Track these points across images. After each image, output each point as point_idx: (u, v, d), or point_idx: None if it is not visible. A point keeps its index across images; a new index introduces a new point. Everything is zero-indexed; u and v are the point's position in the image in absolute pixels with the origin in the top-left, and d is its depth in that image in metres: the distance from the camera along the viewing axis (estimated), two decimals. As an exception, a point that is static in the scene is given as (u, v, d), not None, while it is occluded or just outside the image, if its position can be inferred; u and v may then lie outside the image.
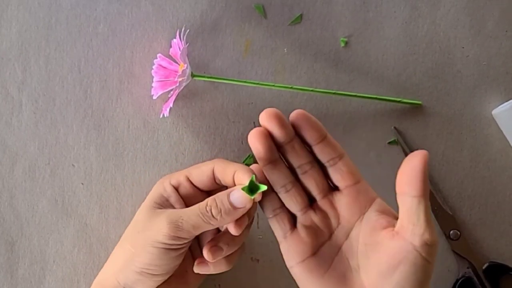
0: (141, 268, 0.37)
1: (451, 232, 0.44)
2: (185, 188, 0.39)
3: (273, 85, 0.43)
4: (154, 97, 0.42)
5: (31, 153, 0.44)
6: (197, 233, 0.37)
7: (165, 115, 0.42)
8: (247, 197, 0.35)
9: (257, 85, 0.43)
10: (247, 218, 0.37)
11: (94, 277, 0.40)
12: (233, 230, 0.36)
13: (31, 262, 0.44)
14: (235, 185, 0.37)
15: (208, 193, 0.40)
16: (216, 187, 0.40)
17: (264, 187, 0.35)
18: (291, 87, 0.43)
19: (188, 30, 0.41)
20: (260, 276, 0.45)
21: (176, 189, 0.39)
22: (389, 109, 0.46)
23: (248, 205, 0.36)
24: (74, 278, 0.44)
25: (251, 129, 0.35)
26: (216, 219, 0.36)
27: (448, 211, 0.45)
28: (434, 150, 0.46)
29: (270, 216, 0.37)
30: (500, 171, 0.46)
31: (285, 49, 0.45)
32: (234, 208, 0.36)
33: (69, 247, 0.44)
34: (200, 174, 0.39)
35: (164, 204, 0.39)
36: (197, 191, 0.40)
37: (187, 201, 0.39)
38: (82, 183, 0.44)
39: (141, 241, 0.37)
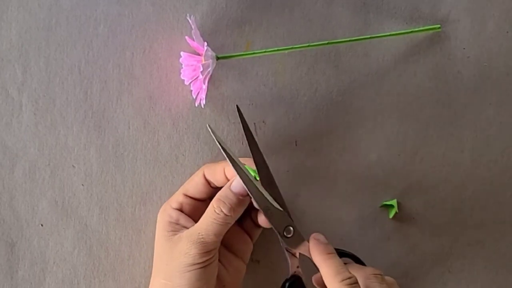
0: None
1: (285, 229, 0.39)
2: (188, 204, 0.40)
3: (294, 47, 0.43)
4: (197, 103, 0.42)
5: (31, 154, 0.44)
6: (221, 238, 0.38)
7: (202, 104, 0.41)
8: None
9: (285, 51, 0.43)
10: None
11: (94, 278, 0.40)
12: (265, 224, 0.39)
13: (31, 264, 0.44)
14: (228, 180, 0.39)
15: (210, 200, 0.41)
16: (214, 192, 0.40)
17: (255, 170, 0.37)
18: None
19: (193, 16, 0.41)
20: (261, 277, 0.45)
21: (180, 210, 0.40)
22: (389, 109, 0.46)
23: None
24: (74, 280, 0.44)
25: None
26: (230, 216, 0.37)
27: (279, 207, 0.39)
28: (434, 151, 0.46)
29: None
30: (501, 172, 0.46)
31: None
32: (240, 195, 0.37)
33: (69, 248, 0.44)
34: (194, 186, 0.40)
35: (176, 228, 0.39)
36: (199, 203, 0.41)
37: (195, 217, 0.40)
38: (82, 184, 0.44)
39: (174, 271, 0.37)
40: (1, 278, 0.44)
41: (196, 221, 0.39)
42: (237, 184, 0.38)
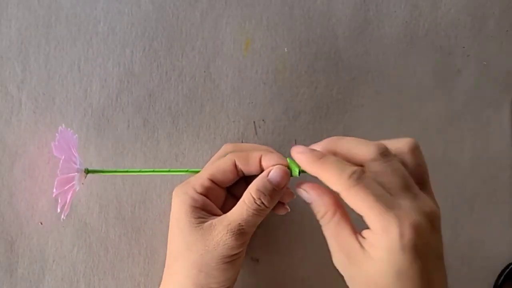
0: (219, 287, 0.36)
1: None
2: (213, 190, 0.39)
3: (169, 171, 0.41)
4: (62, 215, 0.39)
5: (30, 152, 0.44)
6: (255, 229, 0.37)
7: (63, 217, 0.39)
8: (285, 170, 0.36)
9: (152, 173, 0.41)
10: (292, 193, 0.39)
11: (93, 276, 0.40)
12: (283, 211, 0.39)
13: (31, 261, 0.44)
14: (262, 170, 0.37)
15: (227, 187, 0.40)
16: (237, 178, 0.39)
17: (297, 168, 0.36)
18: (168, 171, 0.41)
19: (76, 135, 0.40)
20: (260, 276, 0.45)
21: (204, 195, 0.38)
22: (389, 107, 0.46)
23: (288, 179, 0.36)
24: (73, 278, 0.44)
25: (251, 128, 0.36)
26: (269, 207, 0.36)
27: None
28: (434, 150, 0.46)
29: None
30: (500, 171, 0.46)
31: (286, 48, 0.45)
32: (278, 186, 0.36)
33: (68, 246, 0.44)
34: (222, 172, 0.38)
35: (202, 215, 0.37)
36: (220, 189, 0.39)
37: (216, 203, 0.39)
38: (82, 183, 0.44)
39: (210, 261, 0.36)
40: (0, 276, 0.43)
41: (218, 207, 0.39)
42: (275, 175, 0.36)
